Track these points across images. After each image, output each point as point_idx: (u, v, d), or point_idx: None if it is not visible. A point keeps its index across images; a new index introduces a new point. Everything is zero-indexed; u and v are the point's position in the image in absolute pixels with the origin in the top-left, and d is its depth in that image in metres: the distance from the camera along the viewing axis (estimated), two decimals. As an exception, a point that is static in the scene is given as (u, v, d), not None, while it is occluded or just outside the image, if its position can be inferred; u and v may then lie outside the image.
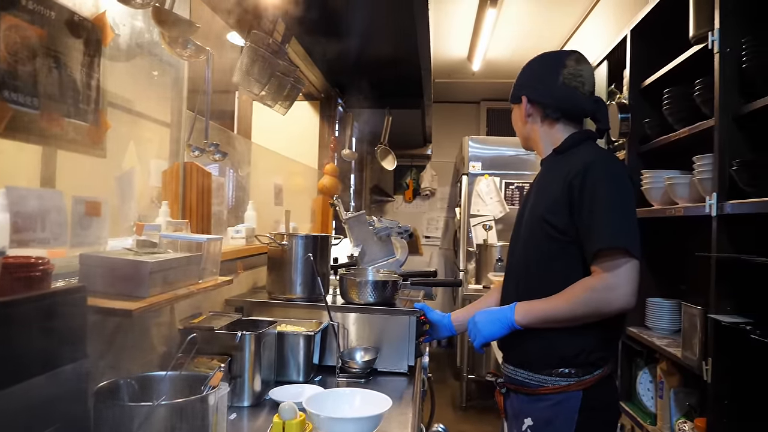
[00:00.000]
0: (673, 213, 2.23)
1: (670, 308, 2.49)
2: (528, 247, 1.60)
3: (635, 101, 2.64)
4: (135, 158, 1.64)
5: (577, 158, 1.52)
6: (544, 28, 4.30)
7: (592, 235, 1.41)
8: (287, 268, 2.12)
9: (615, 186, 1.44)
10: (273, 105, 2.47)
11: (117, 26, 1.48)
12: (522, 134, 1.72)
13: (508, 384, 1.63)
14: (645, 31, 2.58)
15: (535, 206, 1.59)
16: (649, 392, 2.51)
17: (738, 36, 1.84)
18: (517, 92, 1.68)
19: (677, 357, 2.09)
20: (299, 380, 1.84)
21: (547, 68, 1.62)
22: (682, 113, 2.24)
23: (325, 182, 3.77)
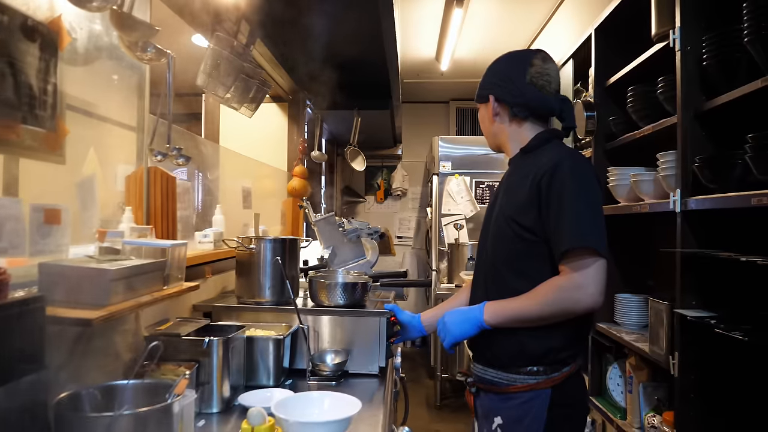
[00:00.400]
0: (639, 209, 2.27)
1: (638, 303, 2.53)
2: (496, 247, 1.60)
3: (600, 99, 2.68)
4: (96, 164, 1.60)
5: (545, 157, 1.53)
6: (511, 28, 4.34)
7: (559, 235, 1.42)
8: (255, 272, 2.09)
9: (582, 185, 1.45)
10: (239, 107, 2.44)
11: (74, 30, 1.44)
12: (489, 134, 1.72)
13: (478, 383, 1.64)
14: (609, 29, 2.62)
15: (504, 206, 1.60)
16: (619, 387, 2.55)
17: (698, 34, 1.88)
18: (484, 91, 1.68)
19: (645, 352, 2.13)
20: (269, 384, 1.82)
21: (513, 67, 1.62)
22: (646, 111, 2.28)
23: (294, 184, 3.74)
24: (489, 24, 4.28)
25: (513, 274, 1.54)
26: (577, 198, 1.43)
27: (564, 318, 1.43)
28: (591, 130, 2.69)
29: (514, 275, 1.53)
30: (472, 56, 5.04)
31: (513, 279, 1.53)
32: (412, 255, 6.56)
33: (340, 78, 3.84)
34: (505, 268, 1.56)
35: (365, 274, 2.51)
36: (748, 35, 1.58)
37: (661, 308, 2.00)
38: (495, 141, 1.73)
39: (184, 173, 2.75)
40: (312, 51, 3.44)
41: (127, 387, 1.13)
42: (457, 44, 4.59)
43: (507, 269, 1.55)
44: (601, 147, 2.68)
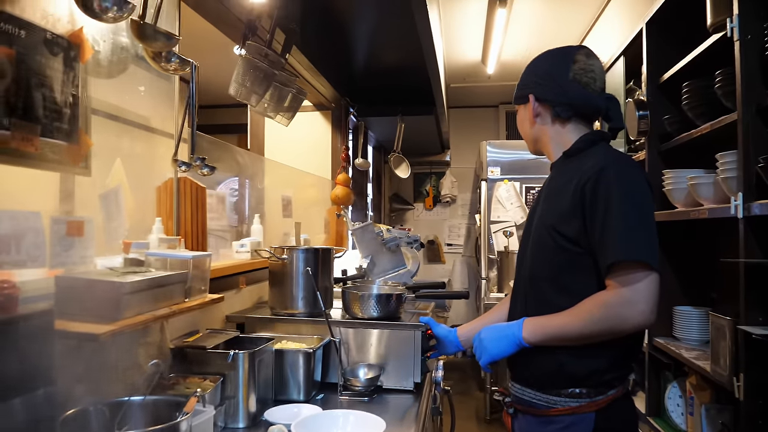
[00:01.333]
0: (697, 215, 2.09)
1: (699, 317, 2.34)
2: (536, 259, 1.49)
3: (654, 97, 2.51)
4: (122, 175, 1.59)
5: (590, 162, 1.41)
6: (558, 27, 4.18)
7: (606, 247, 1.30)
8: (288, 283, 2.05)
9: (630, 191, 1.33)
10: (274, 116, 2.41)
11: (97, 42, 1.44)
12: (529, 137, 1.61)
13: (516, 404, 1.53)
14: (661, 22, 2.45)
15: (544, 214, 1.49)
16: (679, 408, 2.36)
17: (759, 22, 1.72)
18: (523, 92, 1.57)
19: (707, 371, 1.95)
20: (299, 399, 1.77)
21: (555, 64, 1.51)
22: (703, 108, 2.11)
23: (337, 192, 3.71)
24: (535, 24, 4.13)
25: (554, 289, 1.42)
26: (626, 205, 1.31)
27: (610, 337, 1.31)
28: (644, 131, 2.52)
29: (555, 290, 1.42)
30: (519, 58, 4.89)
31: (554, 294, 1.42)
32: (461, 263, 6.42)
33: (381, 84, 3.81)
34: (546, 282, 1.44)
35: (403, 284, 2.44)
36: (816, 20, 1.42)
37: (723, 324, 1.83)
38: (536, 144, 1.61)
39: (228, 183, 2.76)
40: (352, 58, 3.42)
41: (136, 403, 1.10)
42: (503, 46, 4.46)
43: (548, 284, 1.44)
44: (656, 148, 2.51)
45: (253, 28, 2.13)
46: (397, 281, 2.54)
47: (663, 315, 2.47)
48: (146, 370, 1.15)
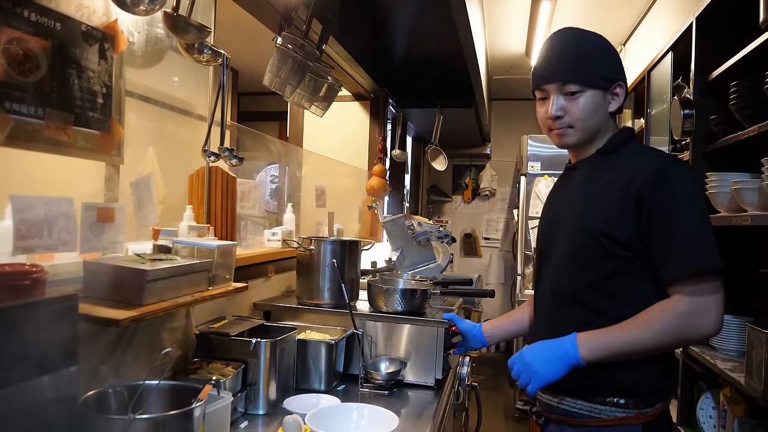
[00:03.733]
0: (739, 221, 2.01)
1: (738, 328, 2.24)
2: (577, 268, 1.36)
3: (700, 96, 2.41)
4: (155, 163, 1.64)
5: (634, 161, 1.34)
6: (605, 19, 4.04)
7: (674, 256, 1.23)
8: (315, 274, 2.08)
9: (693, 197, 1.27)
10: (309, 106, 2.43)
11: (132, 33, 1.48)
12: (594, 128, 1.39)
13: (548, 413, 1.42)
14: (712, 17, 2.34)
15: (586, 218, 1.36)
16: (711, 420, 2.28)
17: (815, 21, 1.62)
18: (609, 74, 1.38)
19: (741, 384, 1.88)
20: (320, 389, 1.80)
21: (615, 50, 1.44)
22: (751, 109, 2.01)
23: (372, 183, 3.72)
24: (580, 16, 4.01)
25: (605, 299, 1.32)
26: (691, 211, 1.25)
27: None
28: (689, 131, 2.43)
29: (605, 300, 1.32)
30: (566, 51, 4.76)
31: (605, 304, 1.32)
32: (498, 257, 6.35)
33: (420, 75, 3.78)
34: (594, 293, 1.33)
35: (431, 279, 2.43)
36: None
37: (761, 337, 1.75)
38: (586, 135, 1.40)
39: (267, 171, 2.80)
40: (391, 48, 3.40)
41: (154, 388, 1.13)
42: (549, 38, 4.35)
43: (596, 295, 1.33)
44: (700, 149, 2.41)
45: (289, 19, 2.15)
46: (425, 275, 2.54)
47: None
48: (166, 355, 1.18)
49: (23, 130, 1.18)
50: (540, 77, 1.40)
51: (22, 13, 1.16)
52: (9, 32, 1.13)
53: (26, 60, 1.17)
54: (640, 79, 3.28)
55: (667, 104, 2.78)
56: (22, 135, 1.18)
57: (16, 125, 1.16)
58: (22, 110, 1.17)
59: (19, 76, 1.16)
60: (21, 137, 1.17)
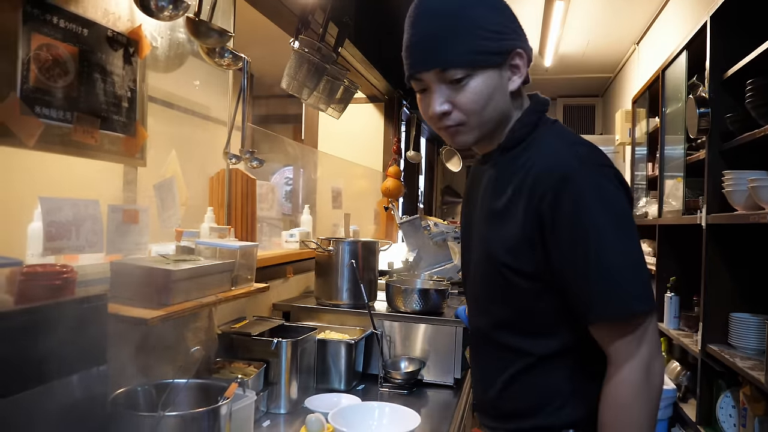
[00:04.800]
0: (757, 219, 2.00)
1: (758, 325, 2.23)
2: (487, 300, 1.14)
3: (716, 94, 2.40)
4: (177, 165, 1.67)
5: (538, 160, 1.04)
6: (618, 19, 4.03)
7: (588, 296, 0.98)
8: (333, 274, 2.10)
9: (608, 212, 0.98)
10: (325, 109, 2.46)
11: (155, 38, 1.51)
12: (492, 119, 1.07)
13: None
14: (727, 16, 2.33)
15: (488, 240, 1.10)
16: (731, 419, 2.27)
17: (833, 18, 1.62)
18: (500, 44, 1.04)
19: (761, 382, 1.87)
20: (340, 388, 1.82)
21: (506, 7, 1.09)
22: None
23: (388, 184, 3.74)
24: (594, 17, 4.00)
25: (522, 338, 1.08)
26: (607, 234, 0.97)
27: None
28: (705, 129, 2.42)
29: (524, 339, 1.08)
30: (577, 51, 4.76)
31: (524, 343, 1.08)
32: (512, 258, 6.33)
33: (434, 77, 3.78)
34: (509, 332, 1.10)
35: (448, 278, 2.44)
36: None
37: (780, 333, 1.75)
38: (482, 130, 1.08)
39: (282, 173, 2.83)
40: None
41: (182, 386, 1.16)
42: (561, 39, 4.35)
43: (512, 333, 1.09)
44: (716, 148, 2.40)
45: (306, 22, 2.17)
46: (442, 275, 2.55)
47: (718, 321, 2.38)
48: (193, 354, 1.20)
49: (52, 133, 1.21)
50: (411, 64, 1.07)
51: (52, 20, 1.19)
52: (39, 38, 1.17)
53: (55, 65, 1.20)
54: (655, 78, 3.27)
55: (682, 103, 2.77)
56: (51, 139, 1.21)
57: (46, 129, 1.19)
58: (51, 114, 1.20)
59: (48, 81, 1.19)
60: (50, 141, 1.21)
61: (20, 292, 0.99)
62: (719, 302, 2.38)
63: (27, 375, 0.93)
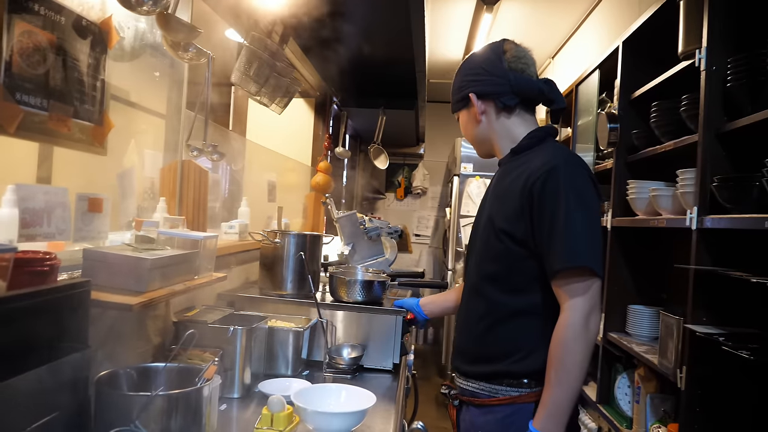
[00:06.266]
0: (656, 224, 2.30)
1: (651, 316, 2.56)
2: (485, 260, 1.48)
3: (624, 112, 2.70)
4: (135, 156, 1.68)
5: (537, 160, 1.40)
6: (539, 34, 4.37)
7: (553, 253, 1.31)
8: (279, 265, 2.17)
9: (579, 196, 1.33)
10: (269, 104, 2.51)
11: (122, 29, 1.53)
12: (476, 139, 1.58)
13: (461, 395, 1.56)
14: (636, 43, 2.64)
15: (493, 216, 1.46)
16: (627, 397, 2.59)
17: (724, 55, 1.90)
18: (462, 94, 1.53)
19: (654, 364, 2.17)
20: (287, 374, 1.90)
21: (487, 59, 1.51)
22: (669, 126, 2.30)
23: (318, 179, 3.82)
24: (517, 30, 4.31)
25: (503, 291, 1.42)
26: (573, 210, 1.31)
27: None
28: (614, 142, 2.72)
29: (504, 292, 1.42)
30: (498, 60, 5.07)
31: (503, 296, 1.42)
32: (428, 253, 6.62)
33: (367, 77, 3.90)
34: (493, 286, 1.44)
35: (383, 272, 2.58)
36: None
37: (672, 322, 2.04)
38: (483, 146, 1.59)
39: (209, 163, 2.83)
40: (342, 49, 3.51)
41: (161, 369, 1.21)
42: (485, 48, 4.62)
43: (495, 288, 1.43)
44: (623, 159, 2.71)
45: (257, 20, 2.22)
46: (376, 269, 2.69)
47: (618, 312, 2.69)
48: (164, 338, 1.26)
49: (29, 121, 1.22)
50: None
51: (33, 7, 1.20)
52: (22, 25, 1.17)
53: (35, 52, 1.21)
54: (569, 91, 3.58)
55: (593, 116, 3.08)
56: (27, 126, 1.21)
57: (24, 116, 1.20)
58: (30, 101, 1.21)
59: (28, 68, 1.20)
60: (26, 128, 1.21)
61: (12, 278, 1.01)
62: (620, 296, 2.69)
63: (16, 359, 0.96)
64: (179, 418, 1.08)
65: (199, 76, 1.96)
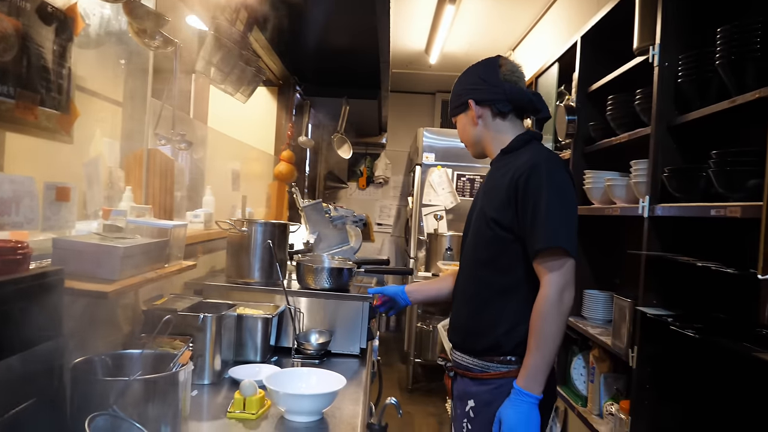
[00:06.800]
0: (610, 212, 2.41)
1: (605, 300, 2.68)
2: (477, 246, 1.71)
3: (582, 104, 2.80)
4: (101, 144, 1.67)
5: (524, 158, 1.63)
6: (500, 27, 4.45)
7: (534, 235, 1.53)
8: (246, 254, 2.19)
9: (558, 187, 1.56)
10: (234, 93, 2.51)
11: (87, 16, 1.51)
12: (471, 141, 1.81)
13: (456, 368, 1.77)
14: (594, 38, 2.73)
15: (485, 207, 1.69)
16: (582, 377, 2.71)
17: (676, 52, 2.00)
18: (461, 99, 1.77)
19: (608, 345, 2.28)
20: (256, 360, 1.93)
21: (485, 71, 1.74)
22: (624, 119, 2.40)
23: (281, 169, 3.82)
24: (479, 22, 4.38)
25: (493, 272, 1.65)
26: (552, 199, 1.53)
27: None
28: (571, 134, 2.82)
29: (494, 272, 1.65)
30: (460, 51, 5.14)
31: (494, 276, 1.65)
32: (390, 242, 6.68)
33: (331, 66, 3.91)
34: (487, 266, 1.66)
35: (349, 259, 2.62)
36: (719, 59, 1.70)
37: (625, 305, 2.15)
38: (477, 147, 1.82)
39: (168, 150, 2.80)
40: (306, 38, 3.51)
41: (136, 356, 1.23)
42: (447, 39, 4.68)
43: (488, 267, 1.66)
44: (580, 150, 2.82)
45: (222, 7, 2.21)
46: (341, 257, 2.72)
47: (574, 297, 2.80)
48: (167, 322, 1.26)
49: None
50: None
51: (-2, -7, 1.18)
52: (-13, 12, 1.15)
53: (2, 40, 1.19)
54: (529, 83, 3.68)
55: (552, 108, 3.17)
56: (-6, 114, 1.20)
57: (-11, 104, 1.18)
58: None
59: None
60: (-7, 116, 1.20)
61: (-14, 266, 1.01)
62: (576, 281, 2.80)
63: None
64: (156, 403, 1.10)
65: (159, 64, 1.94)
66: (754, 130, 1.56)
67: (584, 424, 2.47)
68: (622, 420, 2.09)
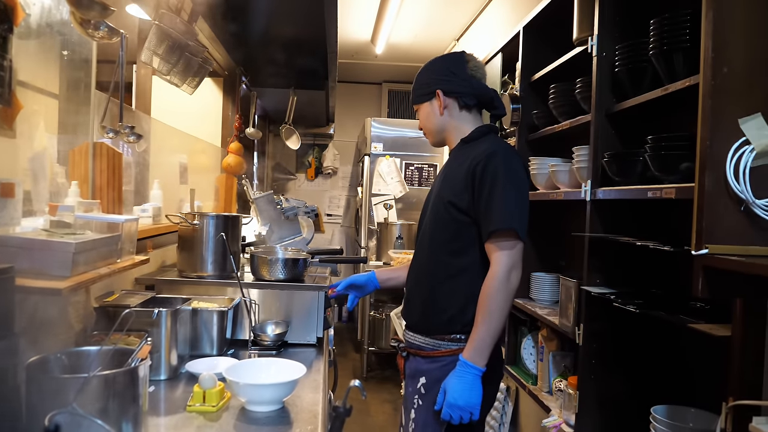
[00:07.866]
0: (555, 197, 2.50)
1: (551, 281, 2.79)
2: (434, 228, 1.78)
3: (525, 93, 2.89)
4: (45, 138, 1.61)
5: (482, 147, 1.71)
6: (445, 18, 4.51)
7: (488, 217, 1.62)
8: (199, 247, 2.16)
9: (512, 174, 1.65)
10: (180, 84, 2.46)
11: (27, 5, 1.45)
12: (434, 130, 1.87)
13: (409, 348, 1.85)
14: (536, 29, 2.82)
15: (442, 191, 1.77)
16: (532, 356, 2.82)
17: (613, 42, 2.09)
18: (429, 88, 1.83)
19: (555, 324, 2.38)
20: (213, 353, 1.92)
21: (453, 64, 1.83)
22: (566, 107, 2.50)
23: (229, 161, 3.76)
24: (425, 12, 4.43)
25: (448, 252, 1.73)
26: (506, 185, 1.62)
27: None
28: (516, 122, 2.91)
29: (449, 253, 1.73)
30: (406, 42, 5.18)
31: (448, 256, 1.73)
32: (341, 232, 6.69)
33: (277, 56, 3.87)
34: (442, 246, 1.74)
35: (302, 250, 2.63)
36: (652, 49, 1.80)
37: (570, 285, 2.25)
38: (439, 136, 1.88)
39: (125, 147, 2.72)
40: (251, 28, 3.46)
41: (93, 353, 1.21)
42: (393, 29, 4.71)
43: (443, 248, 1.74)
44: (524, 137, 2.91)
45: None
46: (294, 248, 2.73)
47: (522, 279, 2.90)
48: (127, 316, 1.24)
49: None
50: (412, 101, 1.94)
51: (-70, -19, 1.13)
52: None
53: (-64, 30, 1.14)
54: (474, 73, 3.75)
55: (497, 97, 3.25)
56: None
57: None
58: (-67, 82, 1.14)
59: (-71, 46, 1.13)
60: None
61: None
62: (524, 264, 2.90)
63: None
64: (117, 399, 1.09)
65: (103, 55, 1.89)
66: (686, 115, 1.66)
67: (535, 401, 2.58)
68: (570, 395, 2.19)
